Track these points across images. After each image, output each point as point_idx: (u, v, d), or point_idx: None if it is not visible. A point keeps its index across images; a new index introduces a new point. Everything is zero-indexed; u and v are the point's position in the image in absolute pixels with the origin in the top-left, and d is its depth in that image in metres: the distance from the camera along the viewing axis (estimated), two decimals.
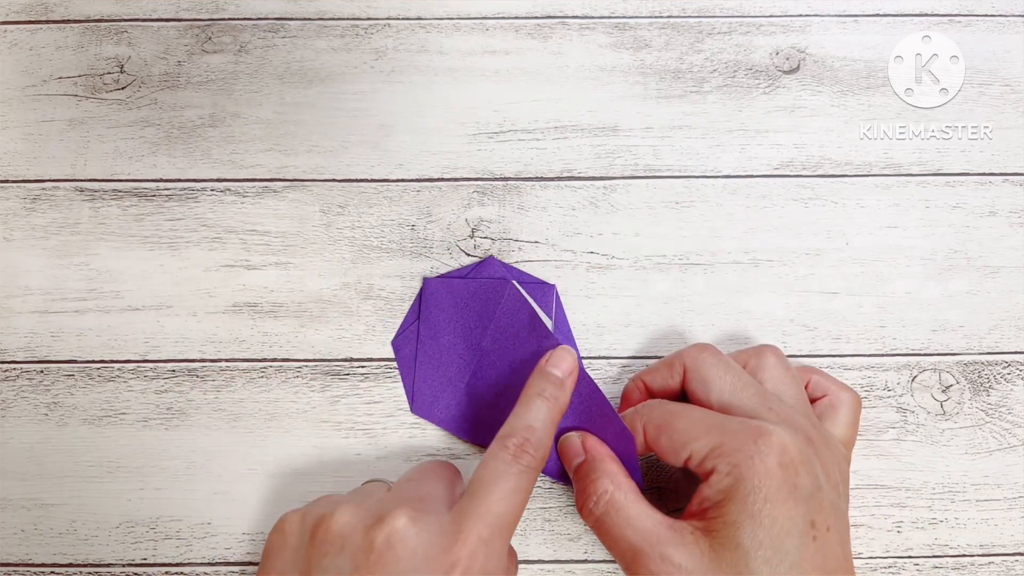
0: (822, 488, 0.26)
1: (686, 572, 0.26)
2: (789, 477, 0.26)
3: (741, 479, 0.26)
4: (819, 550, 0.25)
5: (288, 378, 0.34)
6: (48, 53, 0.38)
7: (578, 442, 0.30)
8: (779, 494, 0.26)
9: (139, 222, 0.36)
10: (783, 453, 0.26)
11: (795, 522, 0.25)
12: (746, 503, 0.26)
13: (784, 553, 0.25)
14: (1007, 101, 0.37)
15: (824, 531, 0.26)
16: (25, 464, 0.33)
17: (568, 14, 0.38)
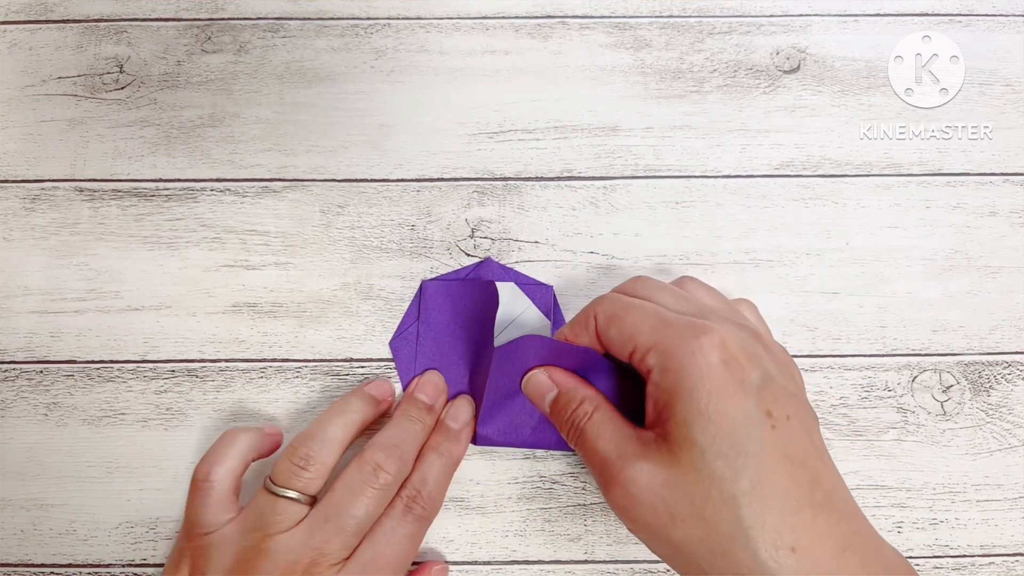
0: (774, 379, 0.26)
1: (647, 482, 0.25)
2: (734, 372, 0.25)
3: (682, 375, 0.25)
4: (780, 438, 0.24)
5: (288, 378, 0.34)
6: (48, 53, 0.38)
7: (546, 377, 0.30)
8: (725, 389, 0.25)
9: (139, 222, 0.36)
10: (724, 349, 0.25)
11: (748, 413, 0.24)
12: (692, 400, 0.25)
13: (740, 445, 0.24)
14: (1007, 101, 0.37)
15: (784, 420, 0.25)
16: (25, 464, 0.33)
17: (568, 14, 0.38)
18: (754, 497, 0.24)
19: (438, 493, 0.31)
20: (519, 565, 0.32)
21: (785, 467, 0.24)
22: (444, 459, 0.31)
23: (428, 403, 0.32)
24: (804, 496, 0.24)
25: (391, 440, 0.30)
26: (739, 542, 0.24)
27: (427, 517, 0.30)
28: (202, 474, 0.29)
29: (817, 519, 0.24)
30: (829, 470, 0.26)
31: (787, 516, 0.24)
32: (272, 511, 0.28)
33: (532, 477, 0.33)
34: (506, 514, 0.33)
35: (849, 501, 0.26)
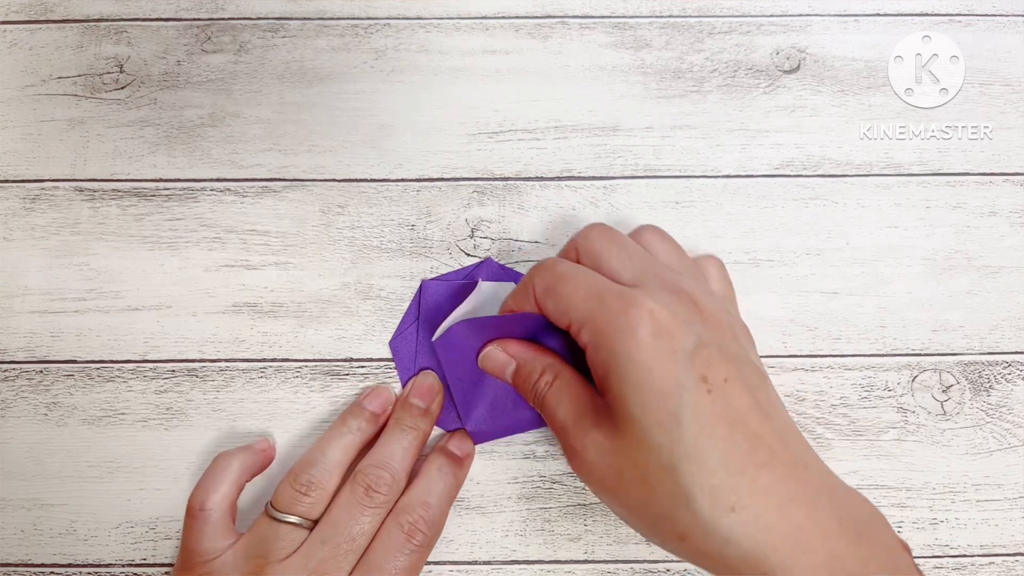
0: (709, 344, 0.26)
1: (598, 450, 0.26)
2: (663, 343, 0.25)
3: (614, 353, 0.25)
4: (716, 402, 0.25)
5: (288, 378, 0.34)
6: (48, 53, 0.38)
7: (501, 352, 0.30)
8: (657, 361, 0.25)
9: (139, 222, 0.36)
10: (653, 320, 0.25)
11: (681, 382, 0.25)
12: (626, 376, 0.25)
13: (676, 414, 0.24)
14: (1008, 101, 0.37)
15: (721, 383, 0.25)
16: (25, 464, 0.33)
17: (568, 14, 0.38)
18: (692, 462, 0.24)
19: (440, 517, 0.30)
20: (519, 565, 0.32)
21: (723, 430, 0.24)
22: (448, 481, 0.31)
23: (423, 407, 0.32)
24: (745, 456, 0.24)
25: (383, 457, 0.30)
26: (680, 506, 0.24)
27: (428, 544, 0.30)
28: (198, 503, 0.30)
29: (760, 477, 0.24)
30: (776, 426, 0.25)
31: (726, 478, 0.24)
32: (274, 537, 0.28)
33: (532, 477, 0.33)
34: (506, 514, 0.33)
35: (801, 456, 0.26)
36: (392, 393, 0.33)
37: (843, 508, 0.25)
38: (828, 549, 0.24)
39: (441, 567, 0.32)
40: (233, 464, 0.31)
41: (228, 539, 0.29)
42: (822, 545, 0.24)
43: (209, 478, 0.30)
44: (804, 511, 0.24)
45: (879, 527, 0.26)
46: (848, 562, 0.24)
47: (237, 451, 0.31)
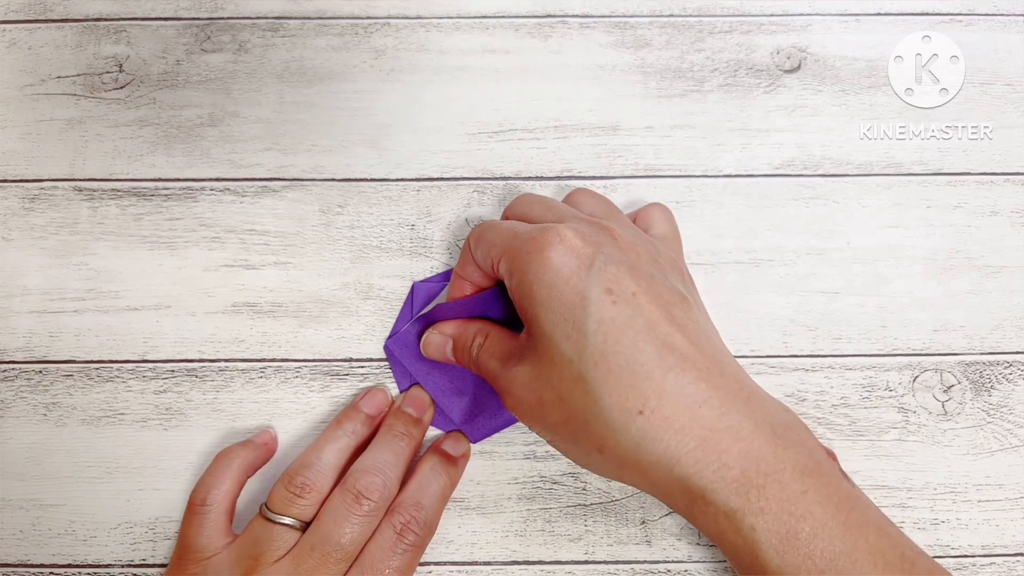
0: (617, 262, 0.26)
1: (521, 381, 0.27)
2: (569, 260, 0.26)
3: (525, 275, 0.26)
4: (623, 312, 0.25)
5: (287, 378, 0.34)
6: (47, 52, 0.38)
7: (436, 335, 0.32)
8: (562, 277, 0.26)
9: (138, 222, 0.36)
10: (561, 242, 0.26)
11: (585, 294, 0.25)
12: (535, 295, 0.26)
13: (581, 325, 0.25)
14: (1008, 101, 0.37)
15: (629, 296, 0.25)
16: (24, 464, 0.33)
17: (568, 13, 0.38)
18: (599, 371, 0.25)
19: (433, 517, 0.30)
20: (519, 565, 0.32)
21: (629, 338, 0.25)
22: (442, 481, 0.31)
23: (416, 416, 0.32)
24: (652, 362, 0.24)
25: (374, 463, 0.30)
26: (591, 415, 0.25)
27: (420, 545, 0.30)
28: (199, 498, 0.30)
29: (667, 382, 0.24)
30: (688, 335, 0.26)
31: (633, 383, 0.24)
32: (267, 538, 0.28)
33: (532, 477, 0.33)
34: (506, 514, 0.33)
35: (717, 361, 0.26)
36: (388, 395, 0.33)
37: (760, 411, 0.25)
38: (741, 448, 0.24)
39: (441, 567, 0.32)
40: (235, 461, 0.31)
41: (224, 538, 0.29)
42: (732, 445, 0.24)
43: (211, 474, 0.30)
44: (715, 414, 0.24)
45: (799, 430, 0.26)
46: (763, 462, 0.24)
47: (239, 447, 0.31)
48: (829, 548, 0.23)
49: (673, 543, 0.32)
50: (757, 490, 0.23)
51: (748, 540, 0.24)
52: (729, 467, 0.24)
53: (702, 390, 0.24)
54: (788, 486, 0.24)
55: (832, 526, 0.23)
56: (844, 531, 0.23)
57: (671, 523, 0.33)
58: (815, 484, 0.24)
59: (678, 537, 0.32)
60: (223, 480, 0.30)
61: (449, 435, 0.33)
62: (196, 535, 0.29)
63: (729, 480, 0.24)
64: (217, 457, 0.31)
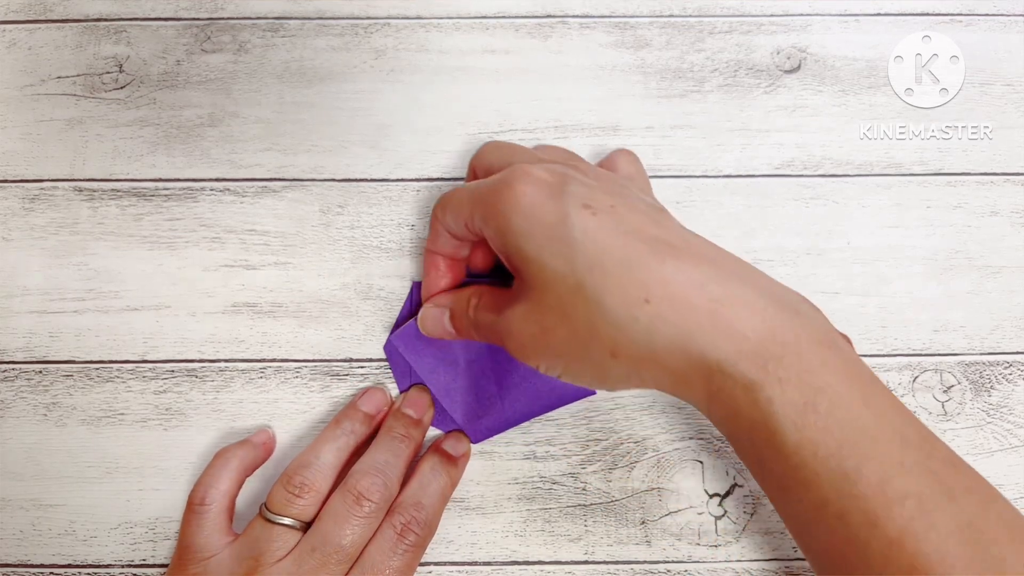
0: (591, 185, 0.26)
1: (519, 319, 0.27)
2: (541, 189, 0.26)
3: (499, 216, 0.26)
4: (605, 221, 0.25)
5: (287, 378, 0.34)
6: (47, 52, 0.38)
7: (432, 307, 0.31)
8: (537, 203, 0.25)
9: (138, 222, 0.36)
10: (528, 176, 0.26)
11: (564, 211, 0.25)
12: (515, 228, 0.26)
13: (567, 238, 0.25)
14: (1008, 101, 0.37)
15: (607, 208, 0.25)
16: (24, 464, 0.33)
17: (568, 13, 0.38)
18: (595, 274, 0.24)
19: (434, 517, 0.30)
20: (519, 565, 0.32)
21: (619, 239, 0.24)
22: (442, 481, 0.31)
23: (416, 417, 0.32)
24: (646, 255, 0.24)
25: (375, 464, 0.30)
26: (597, 319, 0.24)
27: (421, 544, 0.29)
28: (198, 497, 0.30)
29: (665, 270, 0.24)
30: (676, 234, 0.25)
31: (631, 276, 0.24)
32: (268, 538, 0.28)
33: (532, 477, 0.33)
34: (506, 514, 0.33)
35: (710, 250, 0.25)
36: (387, 394, 0.33)
37: (767, 287, 0.24)
38: (756, 319, 0.23)
39: (441, 567, 0.32)
40: (233, 460, 0.31)
41: (225, 538, 0.29)
42: (748, 315, 0.23)
43: (210, 473, 0.30)
44: (722, 288, 0.24)
45: (810, 308, 0.25)
46: (780, 332, 0.23)
47: (237, 446, 0.31)
48: (848, 422, 0.22)
49: (673, 543, 0.32)
50: (775, 360, 0.23)
51: (765, 414, 0.23)
52: (746, 337, 0.23)
53: (704, 271, 0.24)
54: (806, 357, 0.23)
55: (851, 400, 0.23)
56: (863, 405, 0.23)
57: (671, 523, 0.33)
58: (833, 357, 0.23)
59: (678, 537, 0.32)
60: (222, 479, 0.30)
61: (450, 435, 0.33)
62: (196, 534, 0.29)
63: (747, 351, 0.23)
64: (216, 456, 0.31)
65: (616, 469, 0.33)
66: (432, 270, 0.31)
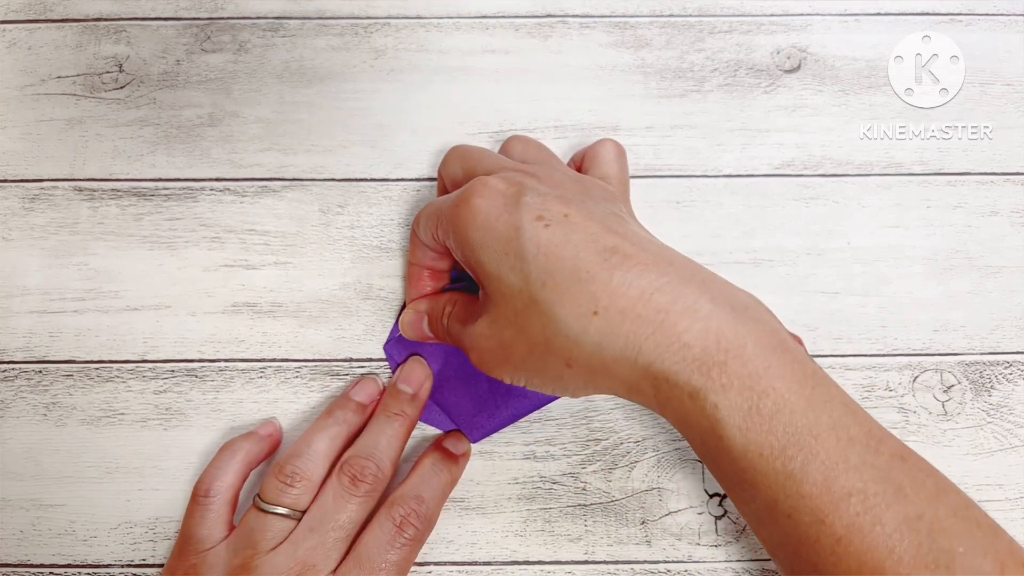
0: (543, 193, 0.26)
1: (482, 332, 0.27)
2: (495, 202, 0.26)
3: (459, 228, 0.27)
4: (558, 232, 0.25)
5: (287, 378, 0.34)
6: (47, 52, 0.38)
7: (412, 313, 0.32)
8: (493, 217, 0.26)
9: (138, 222, 0.36)
10: (486, 188, 0.27)
11: (517, 225, 0.25)
12: (473, 241, 0.26)
13: (520, 252, 0.25)
14: (1008, 101, 0.37)
15: (560, 218, 0.25)
16: (24, 464, 0.33)
17: (568, 13, 0.38)
18: (547, 288, 0.25)
19: (433, 512, 0.30)
20: (519, 565, 0.32)
21: (569, 251, 0.25)
22: (443, 478, 0.31)
23: (411, 392, 0.32)
24: (596, 266, 0.24)
25: (368, 447, 0.30)
26: (550, 332, 0.25)
27: (419, 539, 0.30)
28: (203, 489, 0.30)
29: (613, 280, 0.24)
30: (628, 239, 0.26)
31: (582, 287, 0.24)
32: (262, 528, 0.28)
33: (532, 477, 0.33)
34: (506, 514, 0.33)
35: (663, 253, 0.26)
36: (380, 384, 0.33)
37: (717, 291, 0.25)
38: (700, 327, 0.23)
39: (441, 567, 0.32)
40: (239, 453, 0.31)
41: (225, 530, 0.29)
42: (692, 324, 0.23)
43: (215, 466, 0.31)
44: (669, 297, 0.24)
45: (760, 310, 0.25)
46: (724, 339, 0.23)
47: (243, 439, 0.31)
48: (791, 423, 0.23)
49: (673, 543, 0.32)
50: (719, 367, 0.23)
51: (712, 419, 0.23)
52: (689, 346, 0.23)
53: (652, 279, 0.24)
54: (750, 362, 0.23)
55: (795, 401, 0.23)
56: (807, 406, 0.23)
57: (671, 523, 0.33)
58: (778, 360, 0.23)
59: (678, 537, 0.32)
60: (227, 472, 0.30)
61: (450, 434, 0.33)
62: (198, 526, 0.29)
63: (690, 359, 0.23)
64: (221, 449, 0.31)
65: (616, 469, 0.33)
66: (415, 281, 0.32)
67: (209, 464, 0.31)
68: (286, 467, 0.29)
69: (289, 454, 0.30)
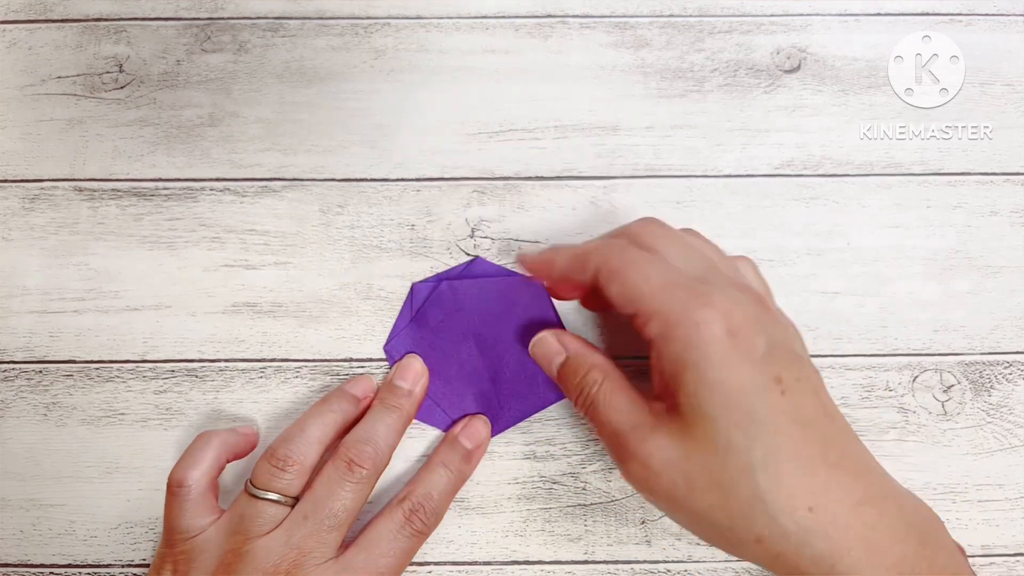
0: (780, 344, 0.25)
1: (664, 456, 0.25)
2: (739, 342, 0.24)
3: (688, 347, 0.24)
4: (790, 403, 0.25)
5: (287, 378, 0.34)
6: (47, 52, 0.38)
7: (555, 341, 0.30)
8: (732, 359, 0.24)
9: (138, 222, 0.36)
10: (729, 318, 0.25)
11: (756, 382, 0.24)
12: (699, 372, 0.24)
13: (752, 413, 0.24)
14: (1008, 101, 0.37)
15: (793, 383, 0.25)
16: (24, 464, 0.33)
17: (568, 13, 0.38)
18: (768, 464, 0.24)
19: (441, 508, 0.31)
20: (519, 565, 0.32)
21: (797, 431, 0.24)
22: (452, 476, 0.31)
23: (407, 388, 0.32)
24: (817, 457, 0.24)
25: (365, 433, 0.30)
26: (757, 508, 0.24)
27: (425, 532, 0.30)
28: (176, 480, 0.29)
29: (831, 479, 0.24)
30: (840, 428, 0.26)
31: (802, 479, 0.24)
32: (253, 514, 0.28)
33: (532, 477, 0.33)
34: (506, 514, 0.33)
35: (864, 457, 0.26)
36: (375, 382, 0.33)
37: (907, 511, 0.26)
38: (899, 551, 0.24)
39: (441, 567, 0.32)
40: (213, 441, 0.30)
41: (210, 516, 0.29)
42: (891, 546, 0.24)
43: (188, 455, 0.30)
44: (875, 512, 0.24)
45: (939, 530, 0.26)
46: (916, 563, 0.24)
47: (218, 431, 0.31)
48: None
49: (673, 543, 0.32)
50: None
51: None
52: (888, 569, 0.24)
53: (861, 489, 0.25)
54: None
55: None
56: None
57: (671, 523, 0.33)
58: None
59: (678, 537, 0.32)
60: (200, 460, 0.30)
61: (467, 426, 0.33)
62: (179, 517, 0.29)
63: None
64: (196, 438, 0.31)
65: (616, 469, 0.33)
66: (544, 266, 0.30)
67: (183, 454, 0.30)
68: (278, 451, 0.29)
69: (281, 438, 0.30)
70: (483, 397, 0.33)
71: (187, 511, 0.29)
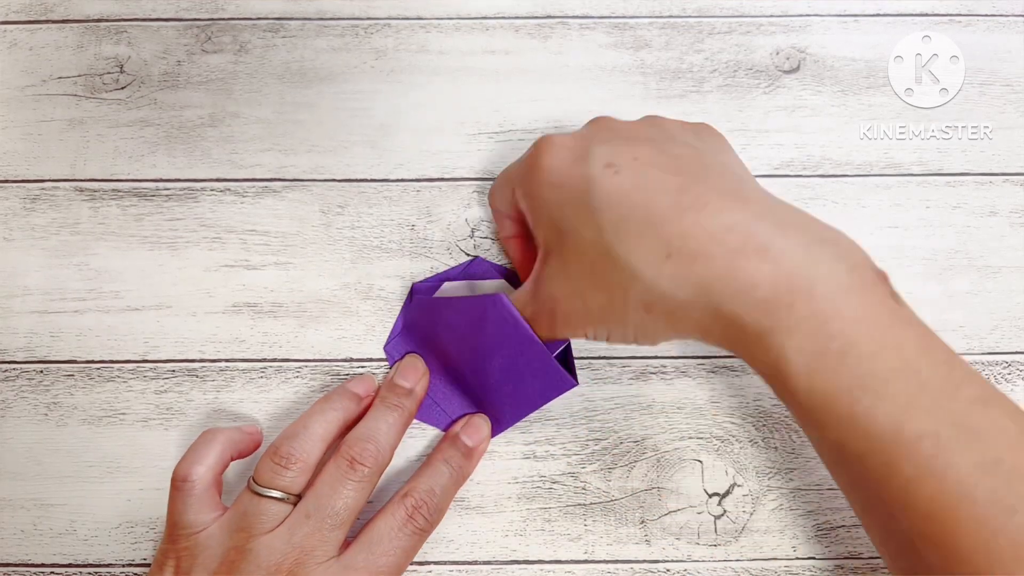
0: (609, 140, 0.27)
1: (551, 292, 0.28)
2: (565, 156, 0.27)
3: (531, 187, 0.28)
4: (628, 178, 0.25)
5: (288, 378, 0.34)
6: (48, 53, 0.38)
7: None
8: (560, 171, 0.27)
9: (139, 222, 0.36)
10: (554, 146, 0.27)
11: (586, 174, 0.26)
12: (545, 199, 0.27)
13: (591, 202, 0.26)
14: (1008, 101, 0.37)
15: (629, 162, 0.26)
16: (25, 464, 0.33)
17: (568, 14, 0.38)
18: (620, 236, 0.25)
19: (443, 505, 0.30)
20: (519, 565, 0.32)
21: (640, 197, 0.25)
22: (454, 473, 0.31)
23: (408, 387, 0.32)
24: (669, 209, 0.24)
25: (367, 432, 0.30)
26: (628, 279, 0.25)
27: (427, 529, 0.30)
28: (181, 475, 0.29)
29: (684, 220, 0.24)
30: (698, 175, 0.25)
31: (655, 231, 0.24)
32: (256, 511, 0.28)
33: (532, 477, 0.33)
34: (506, 514, 0.33)
35: (739, 189, 0.25)
36: (376, 381, 0.33)
37: (794, 227, 0.24)
38: (769, 268, 0.23)
39: (441, 567, 0.32)
40: (219, 438, 0.30)
41: (213, 512, 0.29)
42: (762, 265, 0.23)
43: (193, 451, 0.30)
44: (741, 237, 0.24)
45: (839, 246, 0.24)
46: (793, 280, 0.23)
47: (223, 428, 0.31)
48: (858, 367, 0.22)
49: (673, 543, 0.32)
50: (786, 309, 0.23)
51: (777, 361, 0.23)
52: (757, 287, 0.23)
53: (724, 219, 0.24)
54: (819, 303, 0.23)
55: (863, 344, 0.23)
56: (876, 349, 0.23)
57: (670, 523, 0.33)
58: (850, 301, 0.23)
59: (678, 537, 0.32)
60: (205, 456, 0.30)
61: (468, 424, 0.33)
62: (183, 512, 0.29)
63: (758, 301, 0.23)
64: (201, 435, 0.31)
65: (616, 469, 0.33)
66: (516, 254, 0.33)
67: (187, 450, 0.30)
68: (281, 448, 0.29)
69: (284, 436, 0.30)
70: (480, 398, 0.33)
71: (191, 507, 0.29)
